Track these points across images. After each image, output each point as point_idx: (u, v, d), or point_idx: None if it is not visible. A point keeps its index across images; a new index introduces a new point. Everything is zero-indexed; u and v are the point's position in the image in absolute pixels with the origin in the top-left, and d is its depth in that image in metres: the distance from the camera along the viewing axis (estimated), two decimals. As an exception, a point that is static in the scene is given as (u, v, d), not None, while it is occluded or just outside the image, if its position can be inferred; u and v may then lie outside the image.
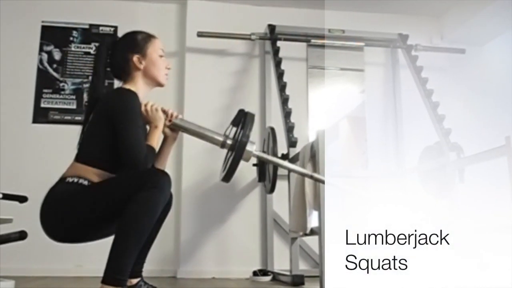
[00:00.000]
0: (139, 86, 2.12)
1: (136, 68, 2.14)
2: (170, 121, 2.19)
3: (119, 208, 1.78)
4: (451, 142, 3.60)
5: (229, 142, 2.19)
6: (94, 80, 2.19)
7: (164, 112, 2.16)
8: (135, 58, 2.13)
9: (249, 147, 2.14)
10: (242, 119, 2.19)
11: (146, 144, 2.00)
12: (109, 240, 1.80)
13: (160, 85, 2.22)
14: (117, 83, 2.20)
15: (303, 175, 2.48)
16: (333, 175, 4.03)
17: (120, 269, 1.77)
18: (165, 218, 2.17)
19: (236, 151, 2.11)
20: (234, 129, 2.23)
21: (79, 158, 2.01)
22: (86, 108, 2.17)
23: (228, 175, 2.15)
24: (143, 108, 2.09)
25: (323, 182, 2.49)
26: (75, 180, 1.93)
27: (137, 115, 1.99)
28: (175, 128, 2.23)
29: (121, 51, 2.17)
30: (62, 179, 1.97)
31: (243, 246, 3.96)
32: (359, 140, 4.47)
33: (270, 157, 2.41)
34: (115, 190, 1.86)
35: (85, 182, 1.92)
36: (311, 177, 2.33)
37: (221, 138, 2.21)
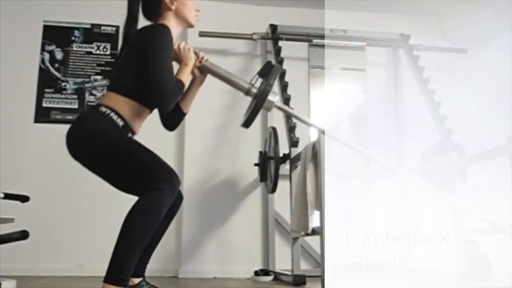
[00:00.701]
0: (170, 26, 2.16)
1: (167, 9, 2.22)
2: (200, 62, 2.28)
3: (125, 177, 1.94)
4: (452, 142, 3.60)
5: (253, 90, 2.28)
6: (128, 21, 2.24)
7: (195, 53, 2.26)
8: None
9: (271, 97, 2.24)
10: (268, 70, 2.26)
11: (175, 77, 2.08)
12: (111, 240, 1.80)
13: (190, 25, 2.32)
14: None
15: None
16: (334, 175, 4.05)
17: (122, 268, 1.77)
18: (171, 221, 2.19)
19: (259, 98, 2.21)
20: (260, 80, 2.29)
21: (112, 87, 2.09)
22: (121, 45, 2.24)
23: (248, 121, 2.26)
24: (176, 47, 2.19)
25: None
26: (108, 112, 1.99)
27: (169, 47, 2.07)
28: (203, 70, 2.32)
29: None
30: (98, 106, 2.03)
31: (244, 246, 3.96)
32: (360, 140, 4.47)
33: (290, 110, 2.47)
34: (134, 160, 1.96)
35: (119, 121, 2.00)
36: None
37: (246, 85, 2.30)
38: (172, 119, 2.30)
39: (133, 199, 1.88)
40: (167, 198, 1.88)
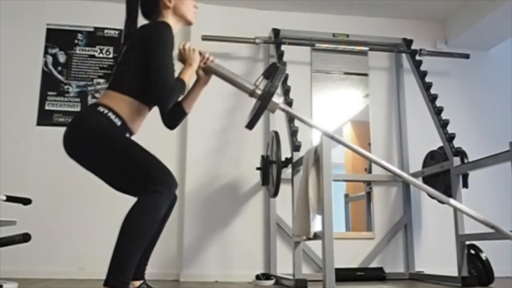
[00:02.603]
0: (170, 23, 2.17)
1: (166, 7, 2.23)
2: (205, 63, 2.29)
3: (121, 178, 1.95)
4: (455, 147, 3.60)
5: (258, 92, 2.27)
6: (127, 21, 2.26)
7: (200, 54, 2.26)
8: None
9: (275, 99, 2.23)
10: (273, 72, 2.25)
11: (178, 77, 2.09)
12: (113, 243, 1.80)
13: (189, 23, 2.32)
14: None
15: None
16: (336, 179, 4.04)
17: (122, 271, 1.77)
18: (167, 221, 2.18)
19: (263, 100, 2.21)
20: (265, 81, 2.29)
21: (112, 86, 2.09)
22: (122, 44, 2.25)
23: (252, 122, 2.25)
24: (181, 46, 2.20)
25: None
26: (105, 111, 1.98)
27: (170, 45, 2.06)
28: (208, 71, 2.31)
29: None
30: (95, 105, 2.03)
31: (246, 250, 3.95)
32: (363, 145, 4.47)
33: (294, 112, 2.45)
34: (133, 161, 1.95)
35: (116, 120, 1.99)
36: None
37: (251, 87, 2.31)
38: (174, 118, 2.31)
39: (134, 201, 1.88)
40: (164, 200, 1.88)
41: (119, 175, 2.00)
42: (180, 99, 2.28)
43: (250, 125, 2.26)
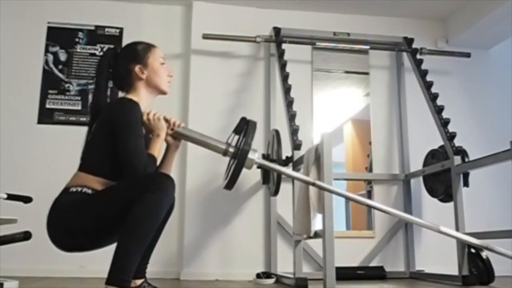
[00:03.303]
0: (142, 96, 2.15)
1: (138, 78, 2.15)
2: (172, 129, 2.21)
3: (125, 212, 1.79)
4: (455, 146, 3.59)
5: (231, 150, 2.19)
6: (96, 93, 2.20)
7: (167, 120, 2.18)
8: (136, 68, 2.15)
9: (251, 155, 2.13)
10: (244, 127, 2.18)
11: (147, 152, 2.02)
12: (114, 241, 1.80)
13: (163, 93, 2.24)
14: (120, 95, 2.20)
15: (306, 182, 2.46)
16: (337, 178, 4.04)
17: (124, 270, 1.77)
18: (167, 220, 2.18)
19: (238, 159, 2.11)
20: (237, 137, 2.21)
21: (82, 168, 2.02)
22: (89, 119, 2.18)
23: (230, 183, 2.15)
24: (145, 117, 2.10)
25: (326, 190, 2.49)
26: (79, 189, 1.94)
27: (138, 124, 2.00)
28: (177, 136, 2.25)
29: (122, 62, 2.18)
30: (66, 190, 1.97)
31: (246, 249, 3.96)
32: (363, 143, 4.48)
33: (272, 165, 2.38)
34: (119, 195, 1.87)
35: (89, 191, 1.94)
36: (313, 184, 2.31)
37: (223, 146, 2.20)
38: None
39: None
40: (166, 199, 1.88)
41: (115, 217, 1.88)
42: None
43: (229, 186, 2.15)
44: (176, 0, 4.43)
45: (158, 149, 2.09)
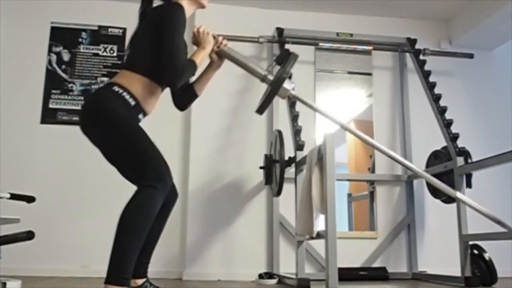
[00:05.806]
0: (183, 5, 2.20)
1: None
2: (218, 47, 2.31)
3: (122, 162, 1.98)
4: (458, 147, 3.59)
5: (269, 77, 2.28)
6: (144, 1, 2.31)
7: (214, 37, 2.29)
8: None
9: (287, 85, 2.24)
10: (285, 58, 2.27)
11: (189, 58, 2.13)
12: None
13: (202, 6, 2.36)
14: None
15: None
16: (339, 178, 4.04)
17: (122, 268, 1.78)
18: (167, 218, 2.19)
19: (274, 85, 2.22)
20: (277, 67, 2.30)
21: (127, 66, 2.13)
22: (137, 24, 2.28)
23: (262, 107, 2.29)
24: (195, 29, 2.25)
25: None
26: (120, 91, 2.02)
27: (181, 25, 2.11)
28: (221, 55, 2.34)
29: None
30: (110, 85, 2.06)
31: (249, 249, 3.96)
32: (366, 144, 4.47)
33: (304, 99, 2.46)
34: (137, 153, 1.97)
35: (131, 100, 2.03)
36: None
37: (263, 72, 2.31)
38: (184, 99, 2.36)
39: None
40: (159, 195, 1.90)
41: (120, 158, 2.03)
42: (192, 81, 2.30)
43: (261, 110, 2.29)
44: (179, 1, 4.43)
45: (200, 59, 2.20)
